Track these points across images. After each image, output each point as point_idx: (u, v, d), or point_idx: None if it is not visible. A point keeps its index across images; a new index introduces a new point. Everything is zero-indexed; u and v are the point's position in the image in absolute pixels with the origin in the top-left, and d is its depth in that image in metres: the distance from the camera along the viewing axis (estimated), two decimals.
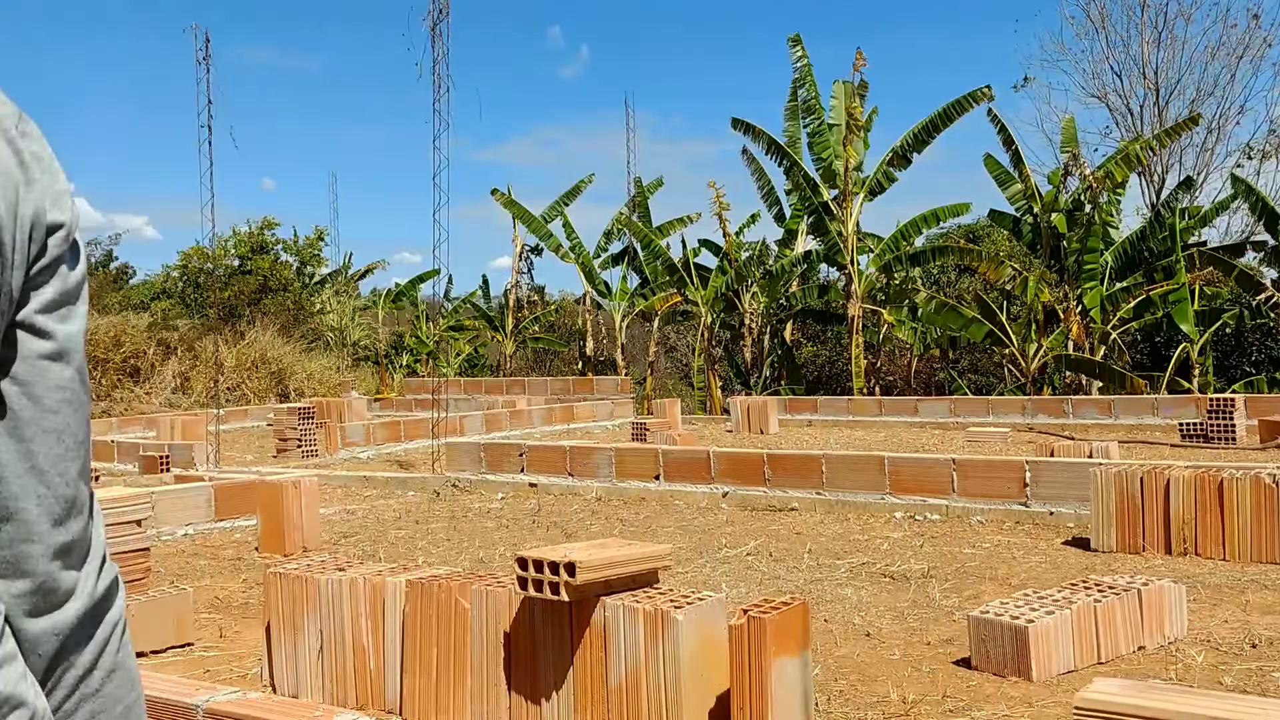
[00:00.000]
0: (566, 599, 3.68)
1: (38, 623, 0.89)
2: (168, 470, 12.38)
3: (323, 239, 33.74)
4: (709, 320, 25.75)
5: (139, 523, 5.62)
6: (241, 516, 9.15)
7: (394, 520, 9.43)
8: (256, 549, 8.11)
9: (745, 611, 3.63)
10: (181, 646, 5.36)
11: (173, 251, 66.08)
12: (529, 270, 32.34)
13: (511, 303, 31.32)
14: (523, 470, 11.32)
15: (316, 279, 33.59)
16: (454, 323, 32.36)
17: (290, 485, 7.97)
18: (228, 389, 24.28)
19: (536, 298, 33.38)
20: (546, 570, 3.70)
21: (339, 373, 27.98)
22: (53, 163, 0.91)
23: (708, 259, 28.40)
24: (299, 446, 14.97)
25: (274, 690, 4.54)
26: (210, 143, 13.95)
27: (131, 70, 77.53)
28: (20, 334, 0.88)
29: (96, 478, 10.56)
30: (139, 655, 5.11)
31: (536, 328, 31.40)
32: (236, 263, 30.70)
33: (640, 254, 28.18)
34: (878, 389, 24.45)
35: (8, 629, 0.86)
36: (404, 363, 31.31)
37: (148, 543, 5.73)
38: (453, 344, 31.96)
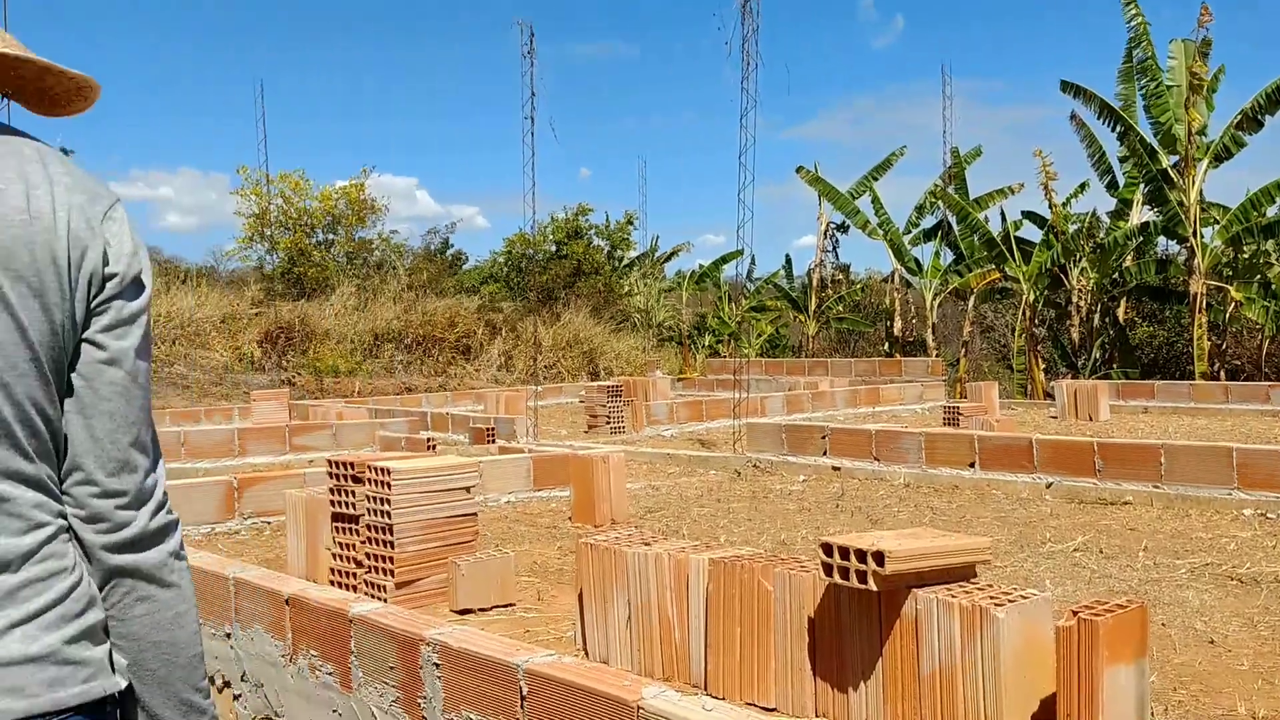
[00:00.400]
0: (875, 589, 3.53)
1: (96, 539, 1.29)
2: (493, 441, 13.30)
3: (632, 223, 34.90)
4: (1031, 298, 24.20)
5: (469, 489, 6.02)
6: (556, 487, 9.65)
7: (696, 498, 9.59)
8: (569, 519, 8.51)
9: (1075, 613, 3.32)
10: (505, 606, 5.71)
11: (499, 238, 71.25)
12: (834, 249, 31.80)
13: (815, 282, 30.96)
14: (825, 453, 11.15)
15: (625, 262, 34.80)
16: (756, 303, 32.46)
17: (600, 460, 8.29)
18: (545, 367, 25.81)
19: (841, 276, 32.81)
20: (853, 558, 3.56)
21: (645, 353, 28.93)
22: (123, 236, 1.33)
23: (1030, 232, 26.70)
24: (608, 423, 15.62)
25: (586, 655, 4.72)
26: (533, 134, 14.76)
27: (463, 72, 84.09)
28: (85, 346, 1.29)
29: (433, 446, 11.48)
30: (467, 611, 5.47)
31: (840, 307, 30.87)
32: (554, 248, 32.43)
33: (955, 228, 26.92)
34: (1223, 373, 22.03)
35: (74, 538, 1.29)
36: (706, 343, 31.83)
37: (476, 508, 6.14)
38: (754, 324, 32.12)
